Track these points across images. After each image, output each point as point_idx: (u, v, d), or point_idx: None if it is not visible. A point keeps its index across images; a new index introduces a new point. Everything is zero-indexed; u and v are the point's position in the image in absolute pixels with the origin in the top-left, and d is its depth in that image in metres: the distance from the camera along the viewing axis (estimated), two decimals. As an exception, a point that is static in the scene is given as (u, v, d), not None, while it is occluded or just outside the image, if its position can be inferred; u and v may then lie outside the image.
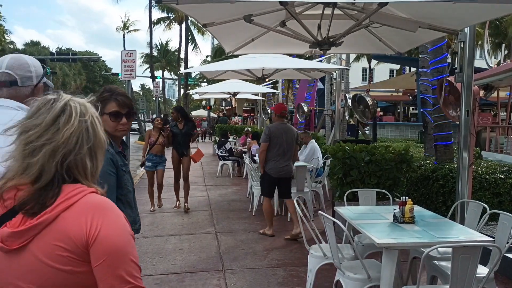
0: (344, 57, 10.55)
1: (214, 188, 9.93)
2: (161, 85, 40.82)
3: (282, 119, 5.96)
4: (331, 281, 3.73)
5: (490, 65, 11.29)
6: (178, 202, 7.75)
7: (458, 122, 4.68)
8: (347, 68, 10.10)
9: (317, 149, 8.29)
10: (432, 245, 2.84)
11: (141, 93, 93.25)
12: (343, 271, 3.25)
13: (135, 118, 6.70)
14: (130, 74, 12.89)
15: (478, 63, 6.64)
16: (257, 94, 16.27)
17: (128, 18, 63.54)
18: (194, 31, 42.60)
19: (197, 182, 10.52)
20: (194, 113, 42.44)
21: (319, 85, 16.50)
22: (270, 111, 16.47)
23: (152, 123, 9.67)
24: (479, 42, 20.95)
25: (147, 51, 45.72)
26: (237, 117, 28.22)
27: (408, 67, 29.32)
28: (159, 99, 31.77)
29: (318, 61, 11.30)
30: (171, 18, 42.52)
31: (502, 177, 5.65)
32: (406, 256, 4.03)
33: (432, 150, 7.01)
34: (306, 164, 7.54)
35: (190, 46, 42.24)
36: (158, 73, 49.80)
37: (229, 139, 13.08)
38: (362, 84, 36.18)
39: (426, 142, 7.75)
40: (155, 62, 49.05)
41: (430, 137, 7.17)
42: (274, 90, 16.59)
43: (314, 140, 8.69)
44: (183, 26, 40.58)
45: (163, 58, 53.38)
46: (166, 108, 43.57)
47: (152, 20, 39.47)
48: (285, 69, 7.97)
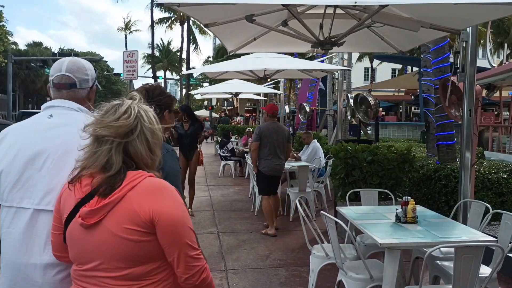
0: (346, 57, 10.53)
1: (216, 188, 9.93)
2: (163, 85, 40.83)
3: (273, 119, 6.13)
4: (334, 281, 3.73)
5: (493, 64, 11.25)
6: None
7: (460, 122, 4.67)
8: (349, 69, 10.08)
9: (319, 149, 8.28)
10: (434, 245, 2.83)
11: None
12: (345, 271, 3.25)
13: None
14: (132, 75, 12.91)
15: (481, 63, 6.62)
16: (259, 94, 16.27)
17: (130, 18, 63.68)
18: (196, 32, 42.65)
19: (199, 182, 10.53)
20: (196, 113, 42.41)
21: (321, 85, 16.47)
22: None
23: None
24: (481, 41, 20.91)
25: (149, 52, 45.84)
26: (239, 117, 28.23)
27: (410, 67, 29.27)
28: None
29: (320, 61, 11.30)
30: (173, 18, 42.58)
31: (505, 176, 5.63)
32: (409, 256, 4.02)
33: (434, 150, 7.00)
34: (308, 164, 7.53)
35: (192, 46, 42.30)
36: (160, 73, 49.89)
37: (231, 139, 13.08)
38: (364, 84, 36.14)
39: (428, 142, 7.74)
40: (157, 62, 49.10)
41: (433, 137, 7.15)
42: (275, 91, 16.58)
43: (316, 140, 8.68)
44: (185, 26, 40.64)
45: (165, 59, 53.44)
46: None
47: (153, 20, 39.56)
48: (287, 69, 7.96)
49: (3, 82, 36.44)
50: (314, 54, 7.98)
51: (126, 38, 53.06)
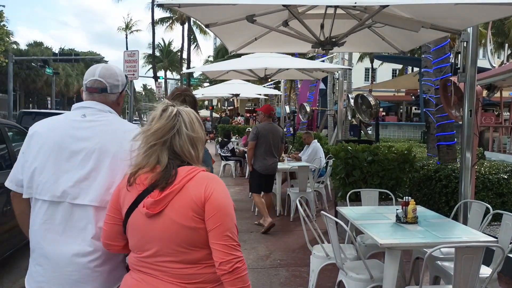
0: (346, 57, 10.52)
1: (217, 188, 9.92)
2: (163, 85, 40.90)
3: (269, 120, 6.40)
4: (334, 281, 3.73)
5: (493, 65, 11.26)
6: None
7: (461, 122, 4.67)
8: (350, 68, 10.08)
9: (319, 149, 8.28)
10: (435, 245, 2.83)
11: (143, 93, 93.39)
12: (346, 271, 3.25)
13: None
14: (133, 75, 12.91)
15: (481, 63, 6.62)
16: (259, 95, 16.27)
17: (130, 18, 63.66)
18: (196, 31, 42.66)
19: (199, 182, 10.52)
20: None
21: (321, 85, 16.47)
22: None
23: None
24: (482, 42, 20.89)
25: (150, 52, 45.86)
26: (239, 117, 28.23)
27: (410, 67, 29.27)
28: (162, 100, 31.82)
29: (321, 61, 11.30)
30: (173, 18, 42.58)
31: (505, 177, 5.63)
32: (409, 256, 4.02)
33: (435, 150, 6.99)
34: (309, 164, 7.53)
35: (192, 46, 42.32)
36: (161, 73, 49.90)
37: (231, 139, 13.08)
38: (365, 84, 36.13)
39: (429, 142, 7.73)
40: (158, 62, 49.11)
41: (433, 137, 7.15)
42: (276, 91, 16.58)
43: (316, 140, 8.68)
44: (185, 26, 40.64)
45: (166, 59, 53.47)
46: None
47: (154, 20, 39.57)
48: (287, 69, 7.96)
49: (4, 82, 36.47)
50: (315, 54, 7.98)
51: (126, 38, 53.16)
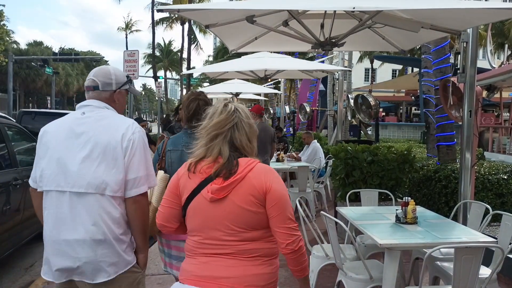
0: (346, 57, 10.53)
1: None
2: (163, 85, 40.84)
3: (261, 119, 6.44)
4: (333, 281, 3.73)
5: (493, 65, 11.26)
6: None
7: (460, 123, 4.67)
8: (349, 69, 10.08)
9: (319, 149, 8.28)
10: (434, 245, 2.83)
11: (143, 93, 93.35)
12: (345, 272, 3.25)
13: None
14: (133, 74, 12.90)
15: (481, 64, 6.62)
16: (259, 94, 16.27)
17: (130, 18, 63.64)
18: (196, 31, 42.64)
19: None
20: None
21: (321, 87, 16.48)
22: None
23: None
24: (482, 42, 20.90)
25: (150, 52, 45.84)
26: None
27: (410, 68, 29.27)
28: (162, 99, 31.77)
29: (320, 61, 11.30)
30: (173, 18, 42.55)
31: (505, 177, 5.63)
32: (409, 256, 4.02)
33: (434, 150, 7.00)
34: (308, 164, 7.53)
35: (192, 45, 42.30)
36: (161, 73, 49.87)
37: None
38: (365, 84, 36.14)
39: (428, 142, 7.74)
40: (158, 62, 49.09)
41: (433, 137, 7.15)
42: (276, 91, 16.58)
43: (316, 140, 8.68)
44: (186, 26, 40.62)
45: (166, 58, 53.46)
46: (168, 108, 43.58)
47: (154, 20, 39.55)
48: (287, 69, 7.96)
49: (4, 81, 36.45)
50: (315, 54, 7.99)
51: (126, 38, 53.14)
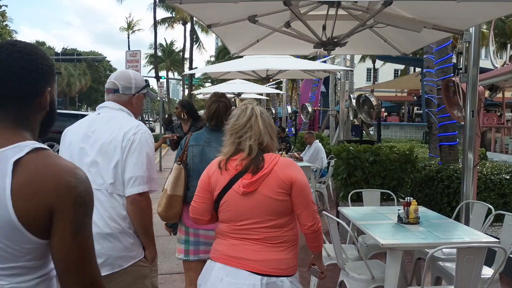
0: (348, 57, 10.52)
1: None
2: (165, 85, 40.86)
3: None
4: (335, 281, 3.73)
5: (496, 65, 11.23)
6: None
7: (463, 123, 4.66)
8: (351, 69, 10.07)
9: (321, 149, 8.28)
10: (436, 246, 2.83)
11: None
12: (347, 272, 3.25)
13: None
14: (134, 74, 12.88)
15: (483, 63, 6.61)
16: (261, 94, 16.28)
17: (132, 18, 63.70)
18: (198, 30, 42.65)
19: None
20: (199, 112, 42.26)
21: (322, 88, 16.47)
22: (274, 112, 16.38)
23: None
24: (485, 42, 20.85)
25: (152, 52, 45.87)
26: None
27: (412, 67, 29.23)
28: (164, 99, 31.81)
29: (322, 61, 11.30)
30: (175, 17, 42.57)
31: (507, 177, 5.62)
32: (411, 257, 4.01)
33: (436, 150, 6.98)
34: (310, 164, 7.53)
35: (195, 45, 42.30)
36: (163, 73, 49.90)
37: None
38: (367, 84, 36.12)
39: (430, 142, 7.72)
40: (160, 62, 49.13)
41: (435, 137, 7.14)
42: (278, 91, 16.58)
43: (318, 140, 8.68)
44: (188, 26, 40.64)
45: (168, 58, 53.48)
46: (170, 108, 43.62)
47: (156, 19, 39.58)
48: (289, 69, 7.96)
49: (6, 82, 36.45)
50: (317, 55, 7.98)
51: (128, 38, 53.20)
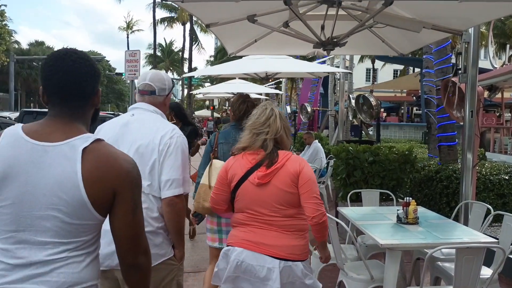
0: (347, 57, 10.53)
1: (217, 188, 9.89)
2: (164, 85, 40.77)
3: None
4: (334, 281, 3.73)
5: (495, 65, 11.24)
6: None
7: (462, 123, 4.66)
8: (350, 72, 10.08)
9: (320, 149, 8.28)
10: (435, 246, 2.83)
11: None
12: (346, 272, 3.25)
13: None
14: (134, 74, 12.92)
15: (482, 64, 6.61)
16: (260, 94, 16.29)
17: (131, 18, 63.66)
18: (197, 30, 42.63)
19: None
20: (197, 113, 42.30)
21: (321, 89, 16.47)
22: None
23: None
24: (483, 43, 20.87)
25: (151, 52, 45.86)
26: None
27: (412, 68, 29.24)
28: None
29: (321, 61, 11.30)
30: (174, 17, 42.57)
31: (506, 178, 5.62)
32: (410, 257, 4.01)
33: (436, 151, 6.99)
34: (309, 164, 7.52)
35: (194, 45, 42.27)
36: (162, 73, 49.77)
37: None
38: (366, 84, 36.11)
39: (430, 143, 7.73)
40: (159, 62, 49.10)
41: (434, 137, 7.14)
42: (277, 91, 16.60)
43: (317, 140, 8.68)
44: (187, 26, 40.62)
45: (167, 58, 53.45)
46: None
47: (155, 19, 39.56)
48: (288, 71, 7.96)
49: (5, 81, 36.48)
50: (315, 55, 8.00)
51: (128, 37, 53.23)
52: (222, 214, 2.69)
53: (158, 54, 48.86)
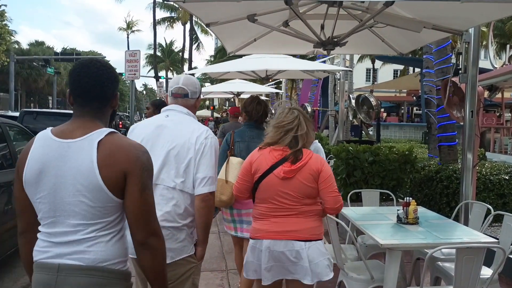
0: (347, 57, 10.52)
1: (217, 188, 9.89)
2: (164, 85, 40.82)
3: (236, 119, 6.95)
4: (334, 281, 3.72)
5: (495, 65, 11.23)
6: None
7: (462, 123, 4.66)
8: (350, 69, 10.06)
9: (320, 149, 8.20)
10: (435, 246, 2.83)
11: (144, 92, 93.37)
12: (346, 272, 3.25)
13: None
14: (134, 74, 12.93)
15: (483, 64, 6.61)
16: (260, 94, 16.29)
17: (131, 18, 63.64)
18: (198, 30, 42.64)
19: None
20: (197, 113, 42.18)
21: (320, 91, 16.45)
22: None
23: None
24: (484, 43, 20.86)
25: (151, 52, 45.86)
26: (240, 117, 27.95)
27: (412, 68, 29.24)
28: (163, 99, 31.76)
29: (322, 61, 11.29)
30: (175, 17, 42.57)
31: (507, 178, 5.62)
32: (410, 257, 4.01)
33: (436, 151, 6.98)
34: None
35: (194, 45, 42.26)
36: (162, 73, 49.86)
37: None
38: (366, 84, 36.10)
39: (430, 143, 7.73)
40: (159, 62, 49.10)
41: (434, 138, 7.14)
42: (277, 90, 16.60)
43: (317, 140, 8.65)
44: (187, 26, 40.62)
45: (167, 58, 53.46)
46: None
47: (156, 19, 39.57)
48: (288, 69, 7.94)
49: (5, 81, 36.46)
50: (315, 54, 7.99)
51: (128, 37, 53.24)
52: (241, 202, 3.18)
53: (158, 54, 48.87)
